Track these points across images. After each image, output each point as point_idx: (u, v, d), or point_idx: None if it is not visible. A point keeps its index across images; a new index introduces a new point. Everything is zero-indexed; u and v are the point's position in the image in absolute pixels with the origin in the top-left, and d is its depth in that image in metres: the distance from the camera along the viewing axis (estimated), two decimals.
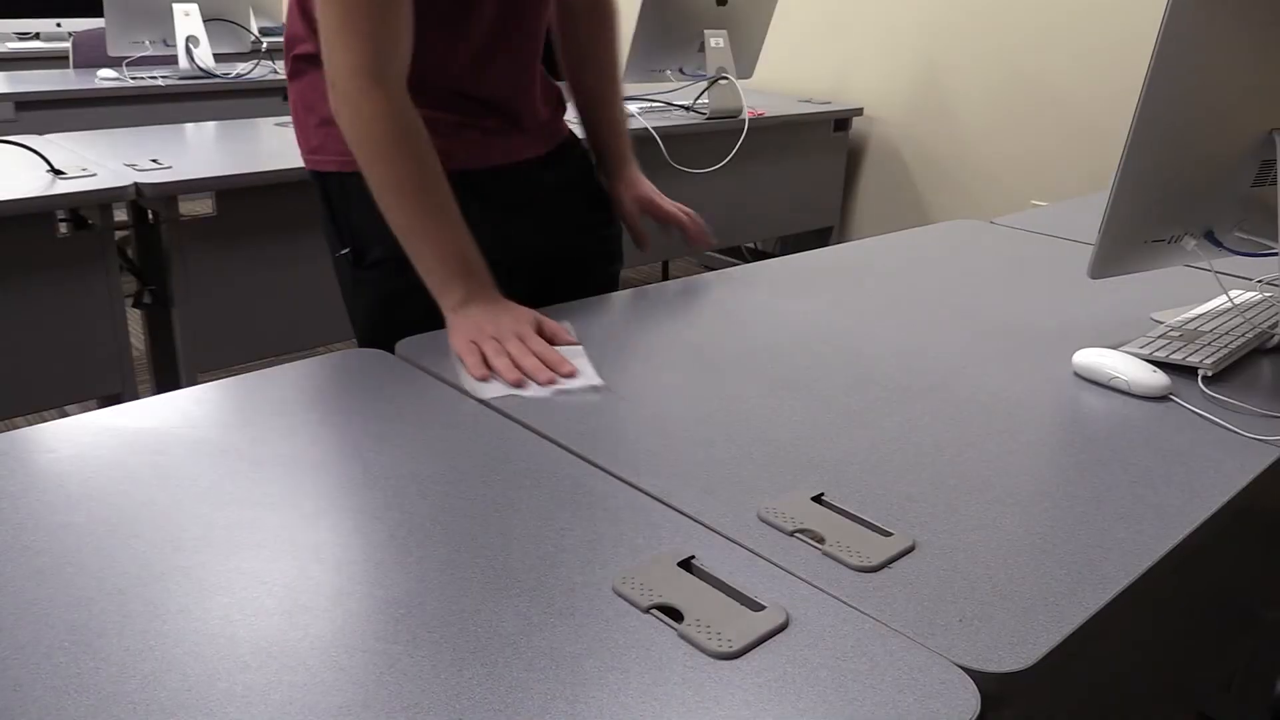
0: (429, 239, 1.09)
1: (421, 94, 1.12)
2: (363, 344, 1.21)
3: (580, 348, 1.11)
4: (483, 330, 1.06)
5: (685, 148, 2.99)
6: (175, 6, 3.27)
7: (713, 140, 3.07)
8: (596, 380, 1.02)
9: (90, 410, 0.94)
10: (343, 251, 1.26)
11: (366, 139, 1.07)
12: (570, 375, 1.02)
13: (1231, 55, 1.00)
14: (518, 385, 1.00)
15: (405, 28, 1.08)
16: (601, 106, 1.42)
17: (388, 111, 1.06)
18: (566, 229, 1.36)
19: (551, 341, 1.09)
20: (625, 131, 1.44)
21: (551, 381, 1.01)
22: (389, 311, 1.24)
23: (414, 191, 1.08)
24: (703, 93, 3.08)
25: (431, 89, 1.17)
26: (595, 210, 1.42)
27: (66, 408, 2.16)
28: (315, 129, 1.24)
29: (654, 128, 2.85)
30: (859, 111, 3.62)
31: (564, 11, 1.38)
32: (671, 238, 1.46)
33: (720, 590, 0.70)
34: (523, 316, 1.09)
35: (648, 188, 1.44)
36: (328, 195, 1.26)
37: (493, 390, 0.99)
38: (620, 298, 1.31)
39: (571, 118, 1.41)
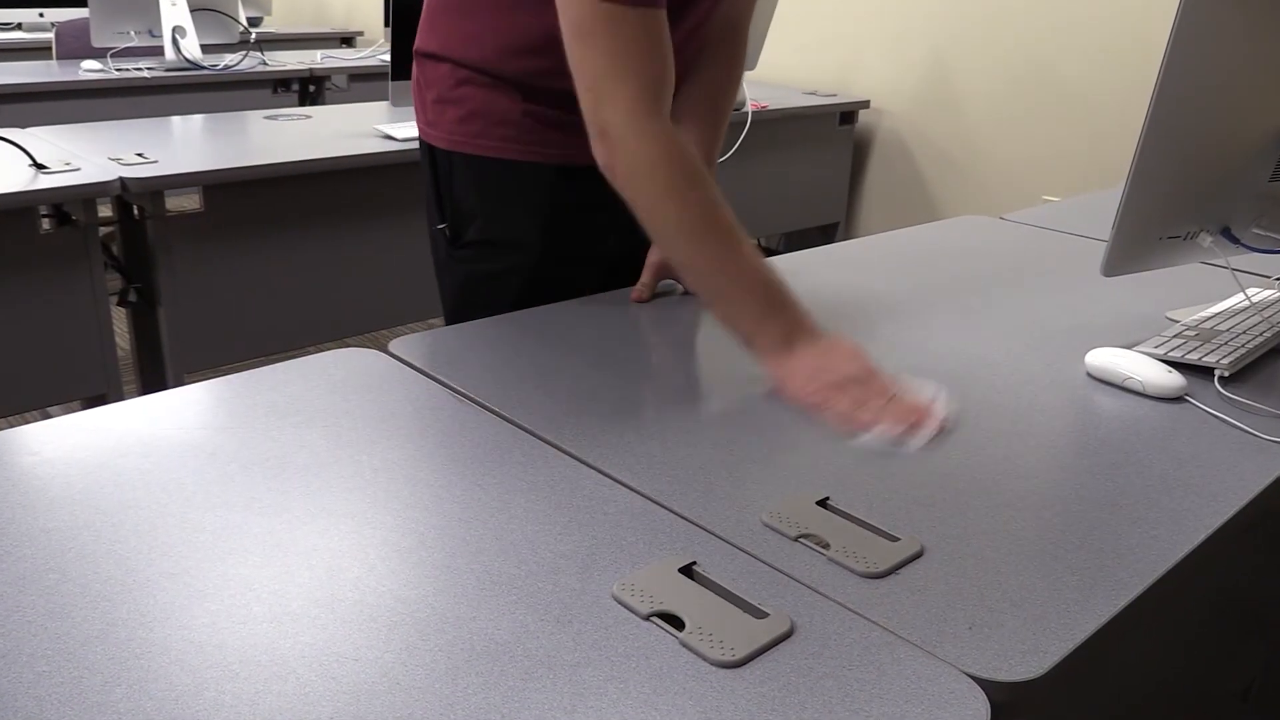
0: (735, 276, 1.01)
1: (548, 86, 1.15)
2: (449, 321, 1.31)
3: (922, 386, 1.02)
4: (819, 377, 0.98)
5: None
6: None
7: None
8: (947, 425, 0.96)
9: (74, 412, 0.94)
10: (440, 226, 1.30)
11: (653, 182, 1.01)
12: (922, 423, 0.95)
13: (1248, 46, 1.00)
14: (911, 435, 0.93)
15: (670, 52, 1.03)
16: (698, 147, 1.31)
17: (671, 150, 1.01)
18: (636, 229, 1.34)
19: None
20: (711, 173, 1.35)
21: (912, 432, 0.94)
22: (477, 292, 1.29)
23: (709, 229, 1.01)
24: None
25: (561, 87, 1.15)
26: None
27: (49, 409, 2.16)
28: (431, 104, 1.28)
29: None
30: (866, 104, 3.63)
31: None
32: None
33: (722, 597, 0.70)
34: (856, 353, 1.02)
35: None
36: (435, 168, 1.30)
37: (869, 438, 0.93)
38: (619, 295, 1.31)
39: None
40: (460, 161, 1.25)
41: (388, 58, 2.56)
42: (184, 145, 2.37)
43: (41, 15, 4.34)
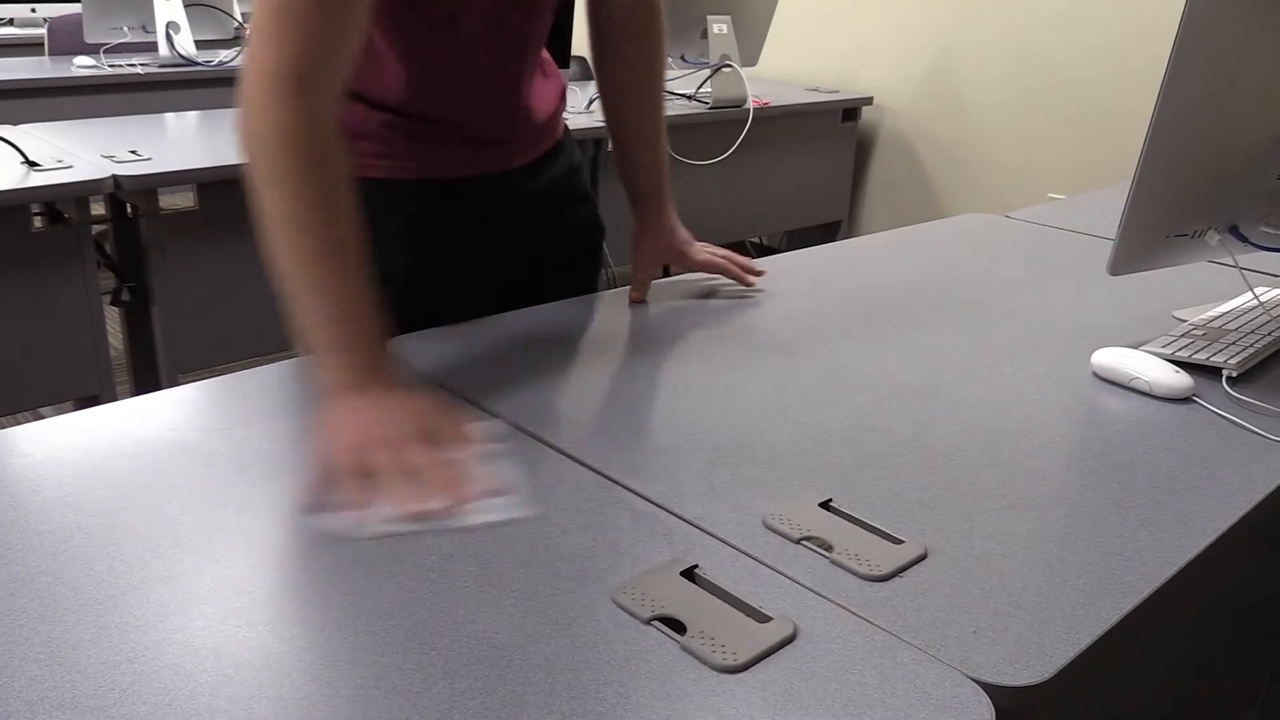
0: (318, 289, 0.89)
1: (402, 102, 1.09)
2: None
3: (503, 450, 0.87)
4: (369, 429, 0.84)
5: (687, 139, 3.00)
6: None
7: (716, 131, 3.07)
8: (518, 511, 0.79)
9: (66, 413, 0.94)
10: None
11: (267, 155, 0.90)
12: (479, 495, 0.80)
13: (1256, 41, 1.00)
14: (418, 516, 0.77)
15: (352, 32, 0.94)
16: (641, 145, 1.31)
17: (301, 126, 0.89)
18: (547, 237, 1.32)
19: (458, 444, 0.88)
20: (665, 172, 1.33)
21: (458, 509, 0.78)
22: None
23: (311, 227, 0.89)
24: (705, 81, 3.09)
25: (411, 98, 1.14)
26: (578, 212, 1.37)
27: (41, 410, 2.16)
28: None
29: None
30: (868, 101, 3.63)
31: (604, 33, 1.28)
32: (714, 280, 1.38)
33: (724, 601, 0.70)
34: (422, 410, 0.89)
35: (679, 239, 1.34)
36: None
37: (373, 524, 0.76)
38: (619, 295, 1.31)
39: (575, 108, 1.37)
40: (373, 191, 1.10)
41: None
42: (178, 142, 2.37)
43: (34, 10, 4.34)
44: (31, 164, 2.01)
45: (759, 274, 1.35)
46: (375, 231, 1.13)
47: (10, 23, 4.31)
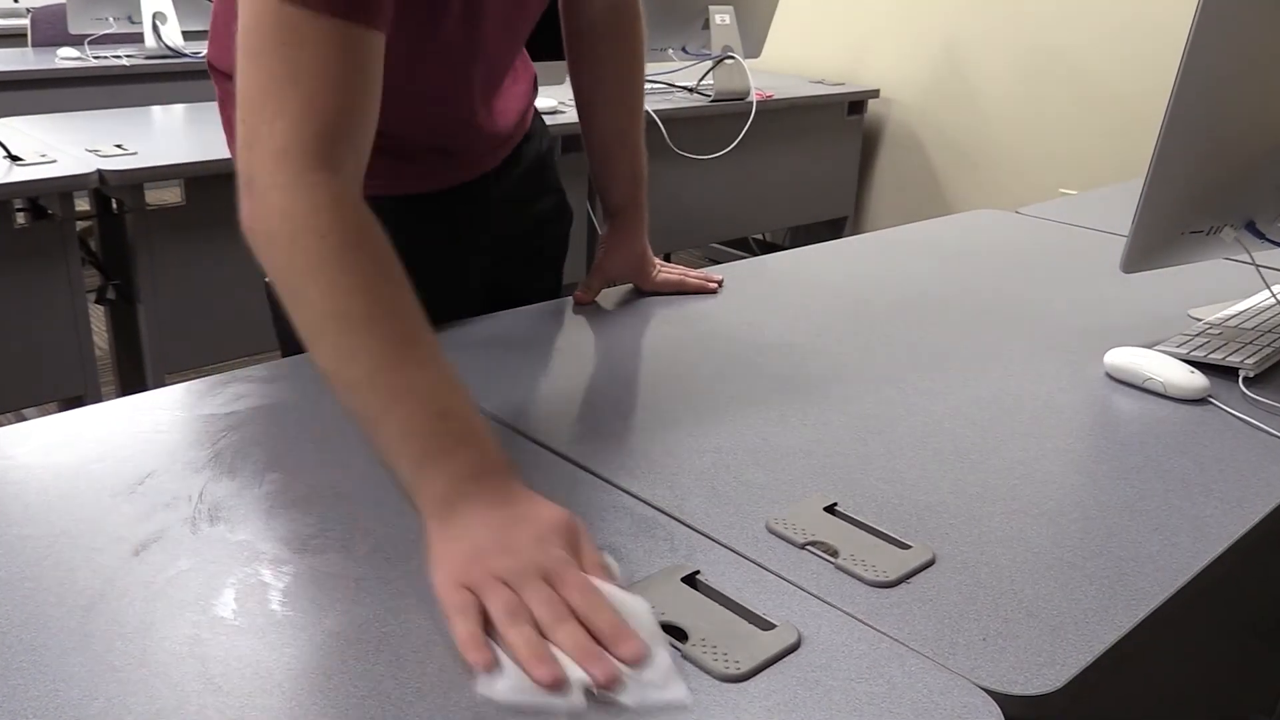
0: (394, 394, 0.74)
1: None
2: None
3: (637, 601, 0.68)
4: (486, 565, 0.68)
5: (688, 132, 3.00)
6: None
7: (718, 124, 3.07)
8: (676, 689, 0.62)
9: (50, 414, 0.94)
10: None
11: (292, 249, 0.76)
12: (635, 659, 0.62)
13: (1273, 32, 1.00)
14: (553, 686, 0.61)
15: (368, 91, 0.81)
16: (617, 146, 1.28)
17: (327, 205, 0.76)
18: (518, 234, 1.31)
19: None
20: (644, 183, 1.30)
21: (612, 679, 0.61)
22: None
23: (368, 322, 0.75)
24: (707, 73, 3.09)
25: (381, 116, 1.09)
26: (546, 204, 1.35)
27: (24, 411, 2.16)
28: (219, 89, 1.12)
29: (655, 111, 2.85)
30: (875, 93, 3.63)
31: (581, 34, 1.24)
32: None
33: (727, 608, 0.70)
34: (553, 530, 0.71)
35: (649, 262, 1.31)
36: None
37: (506, 687, 0.61)
38: (618, 293, 1.31)
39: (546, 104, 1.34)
40: None
41: None
42: (165, 136, 2.37)
43: (16, 1, 4.34)
44: (14, 158, 2.01)
45: (718, 281, 1.34)
46: None
47: None
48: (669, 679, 0.62)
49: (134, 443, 0.89)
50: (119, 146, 2.16)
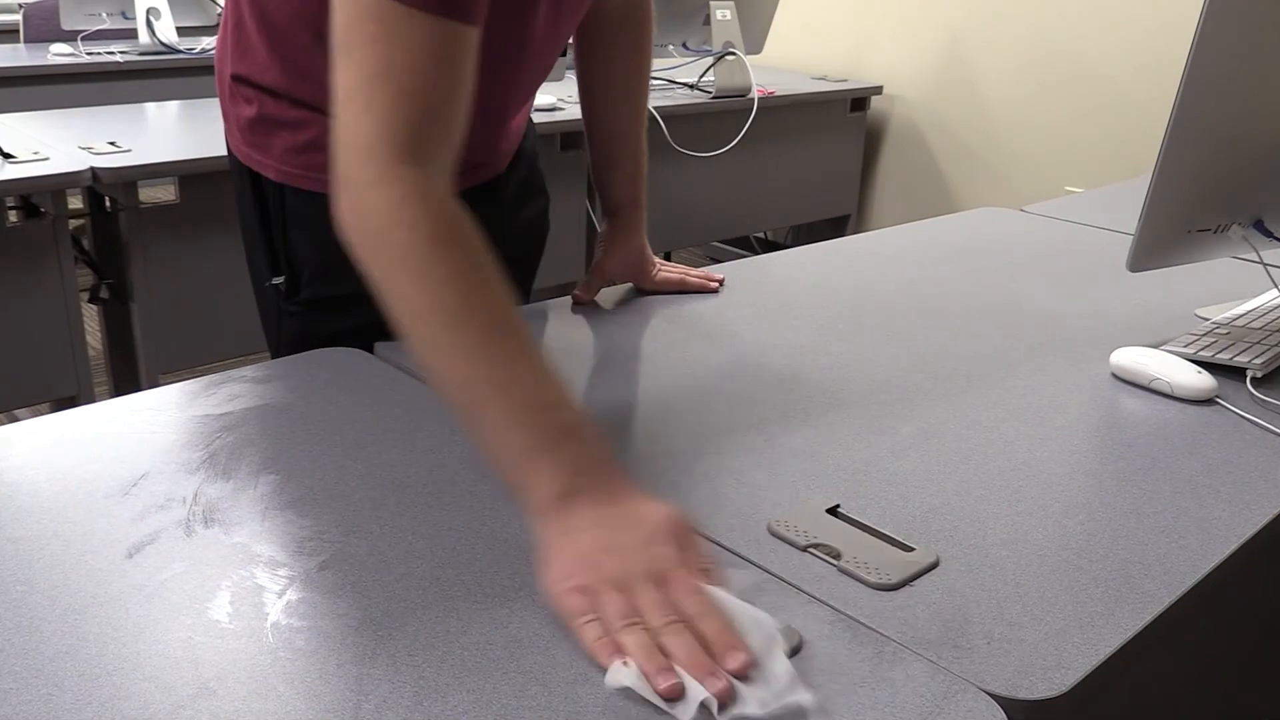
0: (498, 388, 0.75)
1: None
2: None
3: (746, 606, 0.68)
4: (598, 567, 0.69)
5: (689, 129, 3.00)
6: None
7: (719, 121, 3.07)
8: (800, 693, 0.62)
9: (42, 414, 0.94)
10: (274, 281, 1.15)
11: (383, 243, 0.77)
12: (743, 672, 0.62)
13: None
14: (672, 698, 0.61)
15: (460, 88, 0.81)
16: (620, 144, 1.28)
17: (416, 198, 0.77)
18: (508, 235, 1.29)
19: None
20: (642, 175, 1.29)
21: (726, 694, 0.61)
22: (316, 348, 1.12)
23: (462, 317, 0.76)
24: (708, 69, 3.09)
25: None
26: (531, 209, 1.35)
27: (16, 412, 2.16)
28: (251, 121, 1.11)
29: (655, 108, 2.85)
30: (878, 90, 3.63)
31: (591, 26, 1.24)
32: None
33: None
34: (662, 530, 0.72)
35: (648, 261, 1.32)
36: (263, 207, 1.13)
37: (635, 683, 0.62)
38: (617, 293, 1.31)
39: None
40: (296, 199, 1.09)
41: None
42: (159, 133, 2.37)
43: None
44: (6, 156, 2.01)
45: (719, 281, 1.34)
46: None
47: None
48: (788, 682, 0.62)
49: (128, 444, 0.89)
50: (112, 144, 2.16)
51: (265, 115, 1.09)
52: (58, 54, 3.20)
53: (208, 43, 3.38)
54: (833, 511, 0.82)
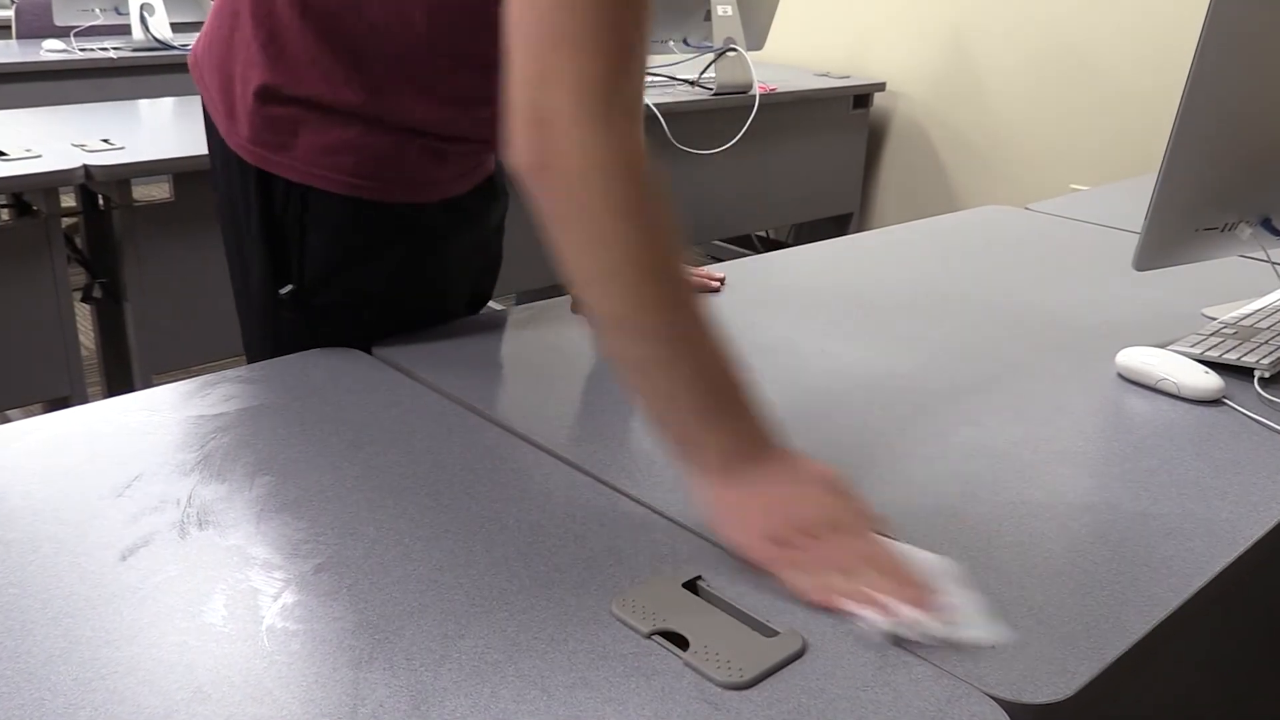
0: (682, 348, 0.77)
1: (425, 121, 1.05)
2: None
3: (922, 554, 0.75)
4: (786, 516, 0.76)
5: (690, 126, 3.00)
6: None
7: (720, 118, 3.07)
8: (1000, 632, 0.69)
9: (35, 415, 0.94)
10: (285, 290, 1.09)
11: (606, 193, 0.75)
12: (940, 602, 0.70)
13: None
14: (897, 625, 0.68)
15: (645, 52, 0.80)
16: None
17: (636, 150, 0.76)
18: (491, 244, 1.30)
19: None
20: None
21: (934, 615, 0.69)
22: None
23: (661, 273, 0.76)
24: (709, 66, 3.09)
25: (441, 117, 1.07)
26: (500, 210, 1.32)
27: (8, 412, 2.16)
28: (266, 115, 1.05)
29: (656, 105, 2.85)
30: (881, 87, 3.63)
31: None
32: None
33: (729, 614, 0.70)
34: (833, 487, 0.78)
35: None
36: (271, 209, 1.08)
37: (880, 621, 0.69)
38: None
39: None
40: (320, 202, 1.05)
41: None
42: (153, 130, 2.37)
43: None
44: None
45: (720, 279, 1.34)
46: (375, 257, 1.10)
47: None
48: (980, 617, 0.69)
49: (121, 445, 0.89)
50: (106, 141, 2.16)
51: (292, 114, 1.05)
52: (50, 50, 3.20)
53: None
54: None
